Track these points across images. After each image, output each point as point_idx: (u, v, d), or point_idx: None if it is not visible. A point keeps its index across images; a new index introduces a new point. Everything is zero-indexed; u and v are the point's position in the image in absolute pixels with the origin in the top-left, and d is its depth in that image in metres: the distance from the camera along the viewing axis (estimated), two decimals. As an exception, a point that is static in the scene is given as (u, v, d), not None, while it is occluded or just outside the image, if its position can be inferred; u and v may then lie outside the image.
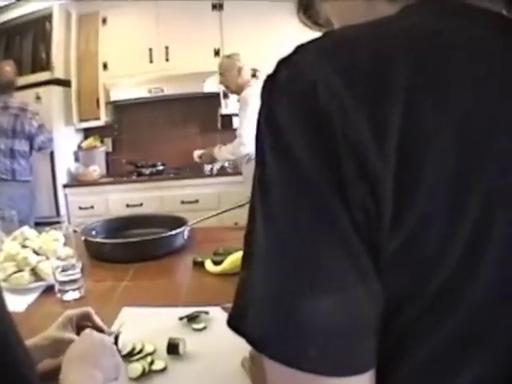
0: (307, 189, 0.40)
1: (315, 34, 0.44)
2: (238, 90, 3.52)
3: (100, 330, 1.06)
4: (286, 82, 0.42)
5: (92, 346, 0.91)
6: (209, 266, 1.58)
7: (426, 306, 0.42)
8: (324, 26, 0.63)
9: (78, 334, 1.03)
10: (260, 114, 0.43)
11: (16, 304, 1.37)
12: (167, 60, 4.40)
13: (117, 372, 0.91)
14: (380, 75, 0.39)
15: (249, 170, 3.31)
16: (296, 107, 0.41)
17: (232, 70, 3.49)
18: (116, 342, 1.03)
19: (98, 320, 1.09)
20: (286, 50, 0.44)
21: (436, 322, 0.43)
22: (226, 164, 4.36)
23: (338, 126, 0.39)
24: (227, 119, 4.52)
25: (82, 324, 1.07)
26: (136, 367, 0.96)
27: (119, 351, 1.00)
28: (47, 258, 1.57)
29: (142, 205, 4.24)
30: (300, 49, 0.43)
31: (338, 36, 0.45)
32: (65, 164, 4.49)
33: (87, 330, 0.97)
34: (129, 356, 1.02)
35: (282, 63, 0.43)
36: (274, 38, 3.94)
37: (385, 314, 0.42)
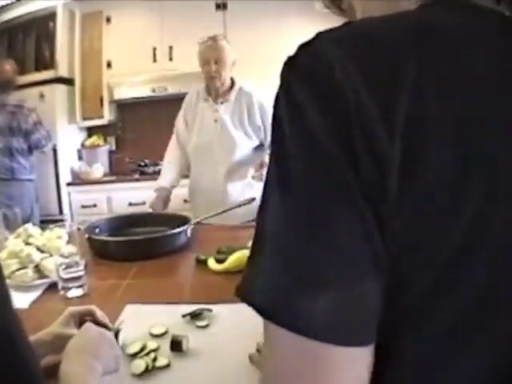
0: (322, 161, 0.42)
1: (313, 34, 0.46)
2: (225, 88, 2.68)
3: (104, 327, 1.06)
4: (306, 64, 0.44)
5: (91, 338, 0.91)
6: (212, 264, 1.58)
7: (428, 289, 0.43)
8: (346, 12, 0.65)
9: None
10: (279, 93, 0.46)
11: (19, 301, 1.37)
12: (171, 59, 4.41)
13: (116, 364, 0.91)
14: (391, 66, 0.42)
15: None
16: (314, 87, 0.43)
17: (230, 59, 2.66)
18: (116, 338, 1.04)
19: (98, 318, 1.09)
20: (290, 49, 0.45)
21: (439, 304, 0.44)
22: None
23: (352, 106, 0.41)
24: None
25: (85, 320, 1.07)
26: (139, 364, 0.97)
27: (120, 347, 1.01)
28: (51, 256, 1.57)
29: (144, 203, 4.23)
30: (320, 35, 0.45)
31: (356, 27, 0.47)
32: (68, 162, 4.50)
33: (86, 324, 0.97)
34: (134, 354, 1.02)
35: (303, 48, 0.45)
36: (278, 37, 3.95)
37: (388, 293, 0.43)
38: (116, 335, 1.04)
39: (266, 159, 2.51)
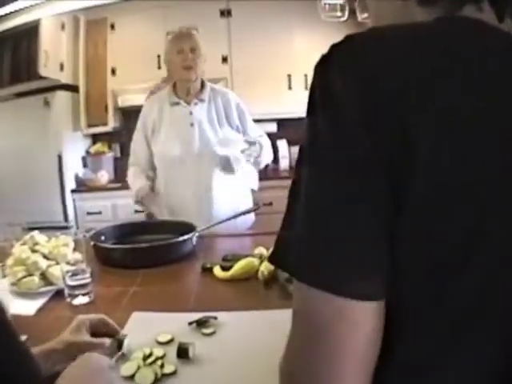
0: (347, 146, 0.50)
1: (317, 43, 0.52)
2: (198, 86, 2.42)
3: (113, 334, 1.07)
4: (337, 61, 0.53)
5: (89, 370, 0.89)
6: (218, 271, 1.59)
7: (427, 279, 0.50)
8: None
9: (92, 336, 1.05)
10: (314, 83, 0.54)
11: (26, 308, 1.38)
12: (175, 66, 4.42)
13: None
14: (389, 77, 0.50)
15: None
16: (343, 78, 0.52)
17: (204, 53, 2.42)
18: (120, 347, 1.04)
19: (112, 325, 1.11)
20: (294, 56, 0.47)
21: (442, 294, 0.50)
22: None
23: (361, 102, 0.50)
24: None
25: (95, 329, 1.08)
26: (147, 374, 0.96)
27: (123, 355, 1.03)
28: (57, 263, 1.57)
29: (149, 210, 4.24)
30: (347, 39, 0.54)
31: (371, 35, 0.56)
32: (73, 169, 4.51)
33: (88, 354, 0.94)
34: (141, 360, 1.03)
35: (335, 47, 0.54)
36: (283, 44, 3.96)
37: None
38: (120, 344, 1.05)
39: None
